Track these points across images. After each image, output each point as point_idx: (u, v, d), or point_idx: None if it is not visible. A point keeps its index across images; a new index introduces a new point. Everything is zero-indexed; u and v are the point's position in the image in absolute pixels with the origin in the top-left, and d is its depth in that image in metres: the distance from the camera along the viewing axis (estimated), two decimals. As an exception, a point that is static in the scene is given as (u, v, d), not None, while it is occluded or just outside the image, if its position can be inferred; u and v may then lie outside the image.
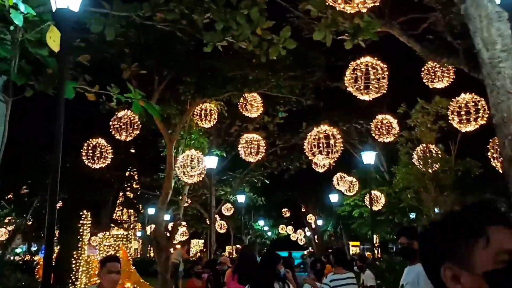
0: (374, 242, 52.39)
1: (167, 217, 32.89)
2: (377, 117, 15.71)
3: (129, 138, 14.56)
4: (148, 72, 14.58)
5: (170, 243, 15.24)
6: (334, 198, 26.44)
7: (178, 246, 29.33)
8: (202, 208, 25.42)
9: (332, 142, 11.27)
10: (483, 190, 13.93)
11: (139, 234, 42.14)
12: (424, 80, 13.62)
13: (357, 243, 49.92)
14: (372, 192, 23.36)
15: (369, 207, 22.83)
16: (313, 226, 49.03)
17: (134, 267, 17.23)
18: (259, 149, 15.61)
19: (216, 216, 35.88)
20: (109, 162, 15.06)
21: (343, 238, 41.07)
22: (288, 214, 49.87)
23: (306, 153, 11.58)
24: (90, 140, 14.88)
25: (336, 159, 11.50)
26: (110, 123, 14.33)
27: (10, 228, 31.85)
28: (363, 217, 27.25)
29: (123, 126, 14.32)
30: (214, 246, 23.51)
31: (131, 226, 42.16)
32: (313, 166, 24.13)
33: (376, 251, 49.39)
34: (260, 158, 15.66)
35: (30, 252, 37.65)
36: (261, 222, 47.95)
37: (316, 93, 16.50)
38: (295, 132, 21.54)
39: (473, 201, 1.24)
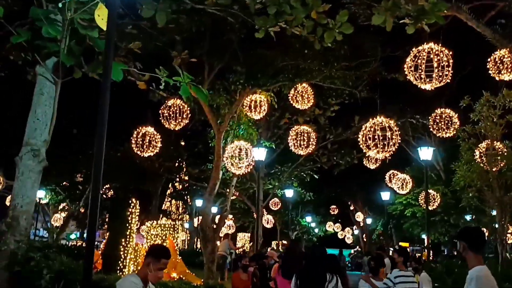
0: (426, 243, 50.91)
1: (214, 209, 33.07)
2: (436, 111, 14.83)
3: (178, 127, 14.45)
4: (198, 61, 14.42)
5: (216, 234, 15.06)
6: (385, 196, 25.51)
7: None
8: (249, 201, 25.20)
9: (388, 134, 10.62)
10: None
11: (186, 225, 42.57)
12: (490, 72, 12.68)
13: (407, 244, 48.34)
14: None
15: (425, 205, 21.88)
16: (362, 224, 47.93)
17: (180, 258, 17.23)
18: (309, 141, 15.13)
19: (263, 210, 35.74)
20: (157, 151, 15.03)
21: (393, 238, 39.83)
22: (336, 211, 48.94)
23: (361, 146, 10.98)
24: (140, 128, 14.90)
25: (392, 153, 10.83)
26: (160, 111, 14.29)
27: (64, 214, 32.97)
28: (415, 216, 26.16)
29: (172, 115, 14.24)
30: (260, 240, 23.26)
31: (179, 217, 42.74)
32: (365, 162, 23.33)
33: (427, 253, 47.83)
34: (310, 151, 15.17)
35: (82, 238, 38.85)
36: (308, 218, 47.33)
37: (371, 85, 15.78)
38: (347, 126, 20.87)
39: None
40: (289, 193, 26.02)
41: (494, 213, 14.49)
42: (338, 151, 21.42)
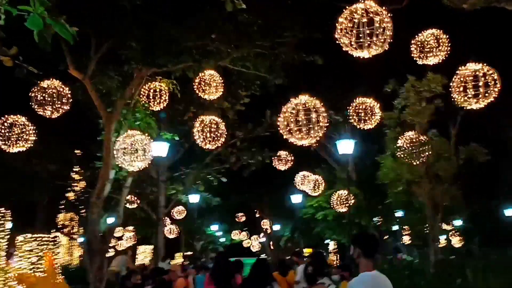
0: (332, 248, 50.94)
1: (111, 220, 29.60)
2: (356, 100, 13.53)
3: (55, 115, 11.65)
4: (83, 34, 11.76)
5: (105, 246, 12.36)
6: (296, 199, 24.13)
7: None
8: (150, 208, 22.46)
9: (314, 116, 8.88)
10: (490, 180, 11.90)
11: (81, 239, 38.28)
12: (414, 55, 11.60)
13: (310, 250, 47.98)
14: (340, 192, 21.30)
15: (337, 206, 20.74)
16: (269, 231, 46.71)
17: (62, 277, 14.23)
18: (217, 133, 13.02)
19: (166, 219, 32.88)
20: (31, 145, 12.05)
21: (300, 244, 38.93)
22: (243, 219, 47.27)
23: (281, 131, 9.10)
24: (5, 117, 11.84)
25: (319, 138, 9.09)
26: (31, 94, 11.39)
27: None
28: (327, 220, 25.10)
29: (48, 99, 11.41)
30: (162, 252, 20.66)
31: (72, 230, 38.36)
32: (274, 163, 21.78)
33: (335, 258, 47.74)
34: (219, 146, 13.07)
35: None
36: (214, 227, 45.08)
37: (286, 71, 14.10)
38: (258, 122, 19.13)
39: None
40: (194, 198, 23.64)
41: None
42: (248, 149, 19.58)
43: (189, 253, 46.34)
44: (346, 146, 13.24)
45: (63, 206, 35.28)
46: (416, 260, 23.80)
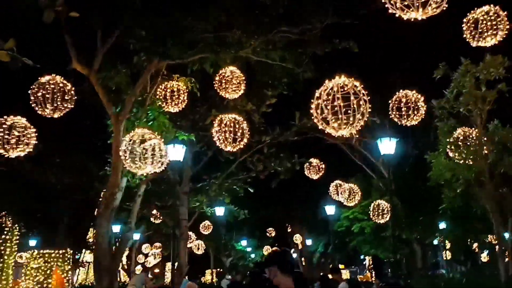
0: (368, 264, 48.41)
1: (136, 236, 28.22)
2: (397, 94, 11.79)
3: (57, 114, 10.37)
4: (87, 25, 10.53)
5: (115, 262, 10.91)
6: (330, 210, 22.31)
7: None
8: (172, 222, 21.03)
9: (354, 101, 7.24)
10: None
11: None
12: (466, 36, 9.85)
13: (342, 266, 45.70)
14: (378, 201, 19.45)
15: (376, 217, 18.85)
16: (300, 247, 44.76)
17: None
18: (238, 134, 11.46)
19: (191, 234, 31.45)
20: (31, 150, 10.77)
21: (334, 260, 36.84)
22: (273, 234, 45.39)
23: (315, 119, 7.47)
24: (4, 118, 10.63)
25: (361, 127, 7.41)
26: (30, 91, 10.16)
27: None
28: (363, 233, 23.12)
29: (47, 96, 10.16)
30: (185, 269, 19.15)
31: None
32: (306, 171, 20.10)
33: (370, 275, 45.25)
34: (241, 147, 11.50)
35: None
36: (243, 243, 43.39)
37: (316, 63, 12.52)
38: (286, 125, 17.53)
39: None
40: (220, 211, 22.13)
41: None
42: (276, 156, 17.95)
43: (218, 269, 44.79)
44: (387, 146, 11.50)
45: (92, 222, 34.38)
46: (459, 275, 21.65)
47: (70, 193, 21.63)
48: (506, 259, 10.43)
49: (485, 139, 9.59)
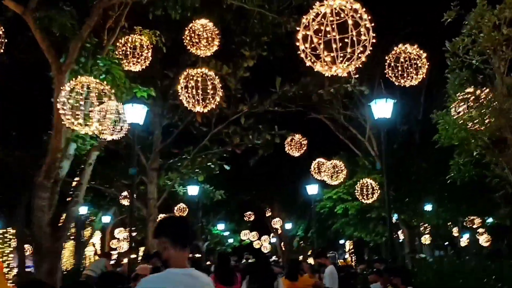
0: (348, 248, 47.34)
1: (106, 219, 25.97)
2: (395, 48, 10.12)
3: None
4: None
5: (58, 243, 9.06)
6: (312, 189, 20.70)
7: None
8: (140, 202, 19.20)
9: (351, 27, 5.48)
10: None
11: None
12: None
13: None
14: (366, 180, 17.94)
15: (363, 197, 17.37)
16: (280, 231, 43.37)
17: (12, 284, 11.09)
18: (211, 92, 9.63)
19: (163, 216, 29.64)
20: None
21: (314, 244, 35.49)
22: (252, 218, 43.82)
23: (301, 54, 5.70)
24: None
25: (362, 62, 5.65)
26: None
27: None
28: (347, 214, 21.63)
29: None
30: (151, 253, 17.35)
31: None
32: (287, 148, 18.41)
33: (350, 259, 44.15)
34: (213, 108, 9.69)
35: None
36: (220, 226, 41.74)
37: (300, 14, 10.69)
38: (266, 92, 15.73)
39: None
40: (193, 190, 20.32)
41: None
42: (254, 128, 16.19)
43: (197, 255, 43.22)
44: (383, 108, 9.85)
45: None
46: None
47: (22, 169, 19.56)
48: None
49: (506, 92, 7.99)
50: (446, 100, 9.33)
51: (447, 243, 42.37)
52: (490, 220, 31.00)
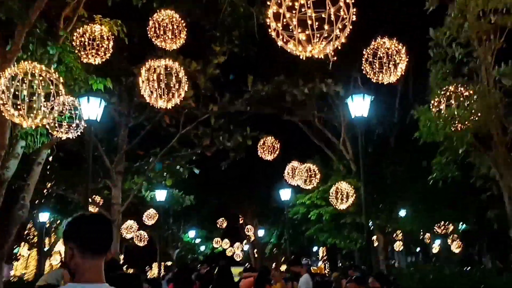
0: (321, 255, 46.87)
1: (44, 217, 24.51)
2: (372, 43, 9.55)
3: None
4: None
5: (1, 251, 8.07)
6: (285, 194, 20.00)
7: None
8: (104, 208, 18.16)
9: (328, 2, 4.79)
10: None
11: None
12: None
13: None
14: (341, 184, 17.37)
15: (338, 201, 16.79)
16: (252, 238, 42.54)
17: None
18: (175, 85, 8.82)
19: (133, 223, 28.48)
20: None
21: (287, 251, 34.80)
22: (224, 225, 42.85)
23: (272, 33, 4.98)
24: None
25: (340, 43, 4.96)
26: None
27: None
28: (321, 221, 21.02)
29: None
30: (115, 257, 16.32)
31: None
32: (260, 152, 17.71)
33: (324, 266, 43.64)
34: (178, 103, 8.89)
35: None
36: (191, 233, 40.65)
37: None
38: (237, 92, 14.99)
39: None
40: (161, 195, 19.34)
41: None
42: (225, 129, 15.39)
43: (168, 263, 41.93)
44: (360, 106, 9.24)
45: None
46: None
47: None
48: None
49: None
50: (427, 94, 8.79)
51: (418, 249, 42.36)
52: (462, 226, 30.98)
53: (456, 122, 7.17)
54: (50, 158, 16.33)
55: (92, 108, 9.03)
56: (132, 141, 16.64)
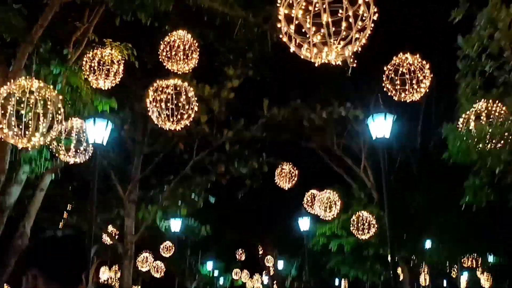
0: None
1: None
2: (394, 58, 9.02)
3: None
4: None
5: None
6: (304, 224, 19.18)
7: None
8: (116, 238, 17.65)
9: (346, 6, 4.27)
10: None
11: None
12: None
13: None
14: (362, 213, 16.59)
15: (359, 232, 15.98)
16: (272, 271, 41.36)
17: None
18: (185, 106, 8.37)
19: (148, 255, 27.86)
20: None
21: (310, 284, 33.53)
22: (243, 257, 41.78)
23: (283, 38, 4.46)
24: None
25: (359, 48, 4.41)
26: None
27: None
28: (342, 251, 20.08)
29: None
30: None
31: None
32: (277, 179, 17.10)
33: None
34: (187, 124, 8.42)
35: None
36: (209, 265, 39.69)
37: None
38: (253, 117, 14.51)
39: None
40: (175, 225, 18.75)
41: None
42: (240, 155, 14.86)
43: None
44: (382, 126, 8.63)
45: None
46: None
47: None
48: None
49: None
50: (454, 111, 8.16)
51: (445, 283, 40.48)
52: (491, 259, 29.45)
53: (490, 139, 6.53)
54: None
55: (98, 131, 8.61)
56: (146, 169, 16.22)
